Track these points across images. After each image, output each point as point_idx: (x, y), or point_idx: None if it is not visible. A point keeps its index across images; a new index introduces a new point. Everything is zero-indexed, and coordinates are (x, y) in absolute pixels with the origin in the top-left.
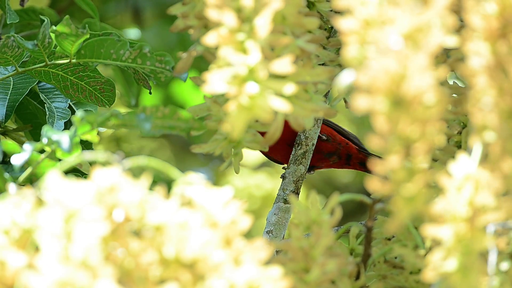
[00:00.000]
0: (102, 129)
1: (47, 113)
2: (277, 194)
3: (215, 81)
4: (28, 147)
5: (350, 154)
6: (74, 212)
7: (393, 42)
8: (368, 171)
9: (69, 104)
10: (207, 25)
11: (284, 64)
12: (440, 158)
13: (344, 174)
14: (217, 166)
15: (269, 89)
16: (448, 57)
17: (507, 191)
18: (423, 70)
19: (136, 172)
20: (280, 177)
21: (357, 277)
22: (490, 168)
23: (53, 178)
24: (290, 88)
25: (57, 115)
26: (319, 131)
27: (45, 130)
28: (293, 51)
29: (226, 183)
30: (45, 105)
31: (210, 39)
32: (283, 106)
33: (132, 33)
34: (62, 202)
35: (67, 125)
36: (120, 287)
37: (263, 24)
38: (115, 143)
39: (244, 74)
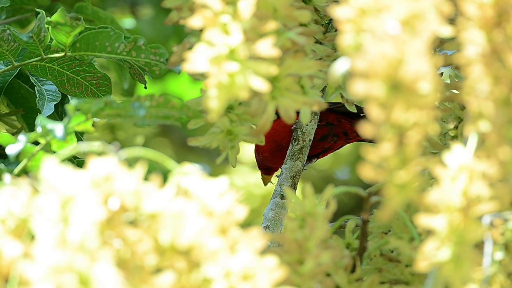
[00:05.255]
0: (96, 119)
1: (37, 95)
2: (274, 190)
3: (197, 60)
4: (22, 138)
5: (345, 131)
6: (70, 198)
7: (390, 27)
8: (368, 140)
9: None
10: None
11: (266, 46)
12: (436, 152)
13: (343, 172)
14: (218, 164)
15: (249, 68)
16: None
17: (503, 178)
18: (421, 55)
19: (132, 162)
20: (276, 176)
21: (353, 270)
22: (486, 155)
23: (50, 164)
24: (270, 68)
25: (47, 97)
26: (316, 126)
27: (39, 119)
28: (284, 43)
29: None
30: (35, 87)
31: (195, 21)
32: (262, 86)
33: (127, 23)
34: (58, 188)
35: (58, 107)
36: (118, 270)
37: (246, 6)
38: (110, 130)
39: (225, 54)
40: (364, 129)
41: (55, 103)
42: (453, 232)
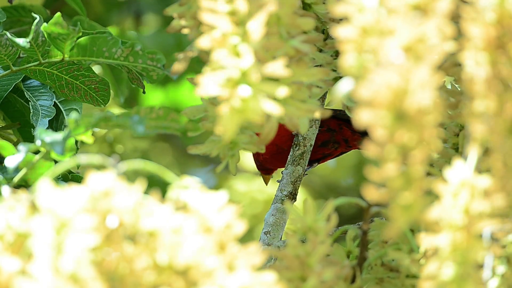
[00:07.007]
0: (96, 129)
1: (31, 111)
2: (275, 195)
3: (208, 84)
4: (23, 148)
5: (345, 138)
6: (66, 222)
7: (394, 55)
8: None
9: (54, 102)
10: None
11: (277, 67)
12: (437, 162)
13: (346, 178)
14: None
15: (261, 92)
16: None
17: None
18: (426, 83)
19: (131, 174)
20: (277, 182)
21: (353, 280)
22: (497, 188)
23: (45, 186)
24: (283, 91)
25: (42, 112)
26: (317, 132)
27: (39, 132)
28: (288, 51)
29: (228, 187)
30: (30, 102)
31: (203, 42)
32: (275, 109)
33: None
34: (54, 211)
35: (52, 123)
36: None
37: (256, 27)
38: (108, 144)
39: (237, 77)
40: (368, 148)
41: (49, 118)
42: (455, 251)
